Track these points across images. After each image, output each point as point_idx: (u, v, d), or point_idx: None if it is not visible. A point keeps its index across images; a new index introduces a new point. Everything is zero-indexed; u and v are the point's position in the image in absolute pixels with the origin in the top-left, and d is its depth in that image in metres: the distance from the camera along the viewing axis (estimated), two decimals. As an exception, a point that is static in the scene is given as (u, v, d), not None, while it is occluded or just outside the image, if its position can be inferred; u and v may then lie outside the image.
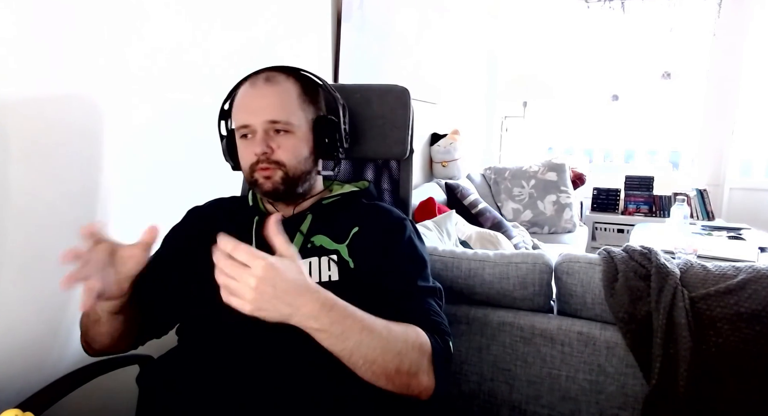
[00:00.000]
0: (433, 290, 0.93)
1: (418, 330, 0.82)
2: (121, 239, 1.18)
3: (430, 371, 0.81)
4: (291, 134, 0.95)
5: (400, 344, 0.77)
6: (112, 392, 1.14)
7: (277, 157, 0.93)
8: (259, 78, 0.96)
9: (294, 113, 0.95)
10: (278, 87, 0.95)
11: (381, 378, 0.76)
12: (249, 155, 0.95)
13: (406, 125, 1.21)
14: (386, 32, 2.48)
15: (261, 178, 0.94)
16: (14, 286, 0.99)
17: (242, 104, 0.96)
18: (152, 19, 1.22)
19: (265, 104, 0.93)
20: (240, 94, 0.97)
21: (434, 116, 3.23)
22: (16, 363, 1.01)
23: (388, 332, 0.76)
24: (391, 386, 0.78)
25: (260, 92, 0.94)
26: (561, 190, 3.36)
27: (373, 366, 0.75)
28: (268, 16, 1.64)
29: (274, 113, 0.93)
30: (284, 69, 0.99)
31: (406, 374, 0.78)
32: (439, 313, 0.91)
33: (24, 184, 0.97)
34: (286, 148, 0.94)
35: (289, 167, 0.94)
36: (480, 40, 4.06)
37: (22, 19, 0.94)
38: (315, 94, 1.01)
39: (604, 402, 1.26)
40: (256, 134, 0.93)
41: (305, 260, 0.92)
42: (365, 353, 0.73)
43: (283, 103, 0.94)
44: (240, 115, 0.95)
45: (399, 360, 0.77)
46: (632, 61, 4.44)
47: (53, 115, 1.02)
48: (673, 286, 1.19)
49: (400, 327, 0.80)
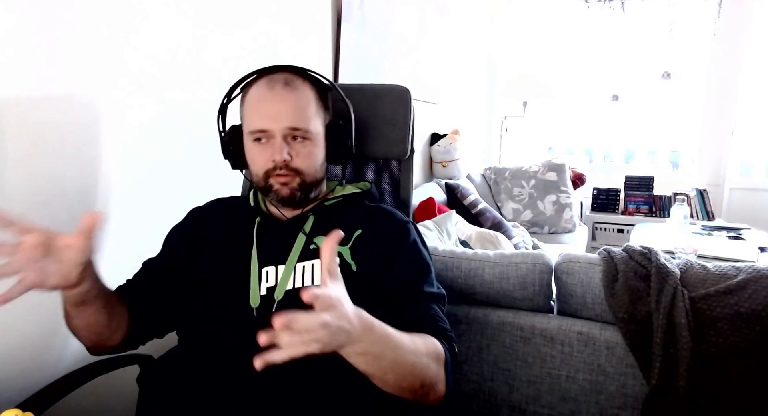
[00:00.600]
0: (437, 296, 0.94)
1: (434, 340, 0.83)
2: (121, 240, 1.18)
3: (444, 379, 0.82)
4: (308, 141, 0.93)
5: (424, 358, 0.78)
6: (112, 392, 1.14)
7: (295, 165, 0.92)
8: (277, 81, 0.93)
9: (312, 119, 0.94)
10: (298, 93, 0.93)
11: (406, 392, 0.77)
12: (264, 161, 0.92)
13: (407, 124, 1.21)
14: (386, 32, 2.48)
15: (277, 184, 0.93)
16: (14, 286, 0.98)
17: (260, 108, 0.93)
18: (152, 19, 1.22)
19: (285, 109, 0.91)
20: (255, 95, 0.94)
21: (434, 116, 3.23)
22: (16, 363, 1.00)
23: (414, 347, 0.77)
24: (411, 396, 0.79)
25: (280, 97, 0.91)
26: (561, 190, 3.36)
27: (403, 383, 0.75)
28: (268, 15, 1.64)
29: (294, 121, 0.91)
30: (299, 71, 0.96)
31: (429, 386, 0.79)
32: (443, 319, 0.91)
33: (23, 184, 0.97)
34: (304, 156, 0.93)
35: (306, 175, 0.94)
36: (480, 40, 4.06)
37: (21, 19, 0.94)
38: (326, 99, 1.00)
39: (604, 402, 1.26)
40: (274, 139, 0.91)
41: (307, 263, 0.92)
42: (399, 371, 0.74)
43: (303, 110, 0.93)
44: (257, 119, 0.92)
45: (425, 374, 0.78)
46: (632, 61, 4.44)
47: (52, 114, 1.02)
48: (673, 286, 1.19)
49: (420, 339, 0.80)
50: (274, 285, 0.90)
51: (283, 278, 0.91)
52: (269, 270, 0.92)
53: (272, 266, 0.92)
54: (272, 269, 0.92)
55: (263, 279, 0.91)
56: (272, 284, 0.90)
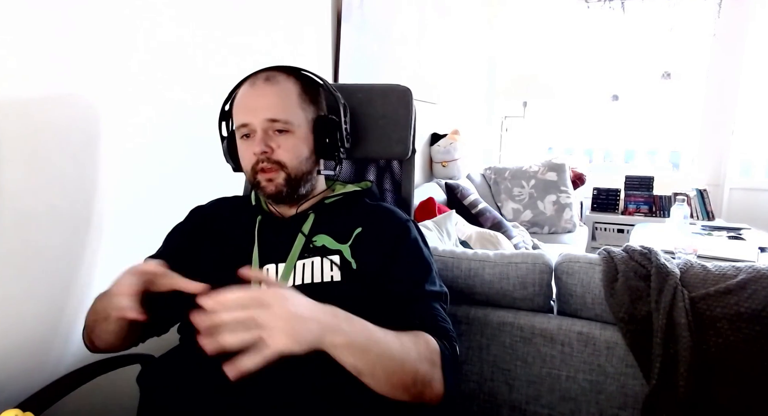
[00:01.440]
0: (439, 295, 0.94)
1: (428, 338, 0.83)
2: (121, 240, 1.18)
3: (441, 377, 0.81)
4: (291, 133, 0.94)
5: (413, 354, 0.78)
6: (113, 392, 1.14)
7: (277, 157, 0.93)
8: (258, 78, 0.96)
9: (294, 112, 0.95)
10: (278, 86, 0.95)
11: (398, 390, 0.77)
12: (249, 156, 0.94)
13: (408, 124, 1.21)
14: (386, 32, 2.48)
15: (264, 181, 0.94)
16: (14, 286, 0.99)
17: (242, 104, 0.95)
18: (152, 19, 1.22)
19: (264, 102, 0.93)
20: (240, 94, 0.97)
21: (434, 116, 3.23)
22: (16, 363, 1.00)
23: (401, 342, 0.77)
24: (406, 396, 0.78)
25: (260, 91, 0.94)
26: (561, 190, 3.36)
27: (393, 378, 0.75)
28: (268, 16, 1.64)
29: (273, 112, 0.92)
30: (284, 69, 0.98)
31: (422, 383, 0.78)
32: (445, 318, 0.91)
33: (23, 184, 0.97)
34: (286, 148, 0.94)
35: (290, 168, 0.94)
36: (480, 40, 4.06)
37: (21, 19, 0.94)
38: (315, 94, 1.01)
39: (604, 402, 1.26)
40: (256, 133, 0.93)
41: (307, 260, 0.92)
42: (386, 364, 0.74)
43: (282, 102, 0.94)
44: (239, 114, 0.95)
45: (415, 370, 0.77)
46: (632, 61, 4.44)
47: (52, 115, 1.02)
48: (673, 286, 1.19)
49: (410, 336, 0.80)
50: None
51: (283, 275, 0.91)
52: (270, 268, 0.93)
53: (273, 264, 0.93)
54: (273, 267, 0.93)
55: None
56: None
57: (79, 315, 1.12)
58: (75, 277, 1.11)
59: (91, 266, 1.14)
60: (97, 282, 1.14)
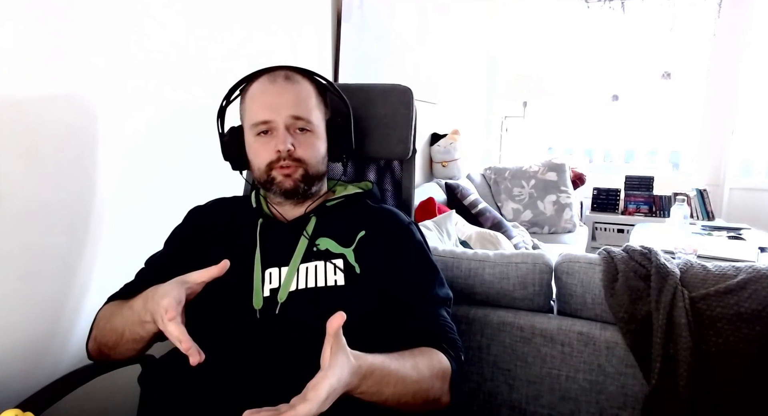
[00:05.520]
0: (446, 301, 0.95)
1: (441, 358, 0.84)
2: (121, 240, 1.18)
3: (449, 391, 0.84)
4: (311, 132, 0.95)
5: (427, 381, 0.80)
6: (113, 392, 1.14)
7: (298, 155, 0.93)
8: (278, 76, 0.94)
9: (313, 111, 0.96)
10: (298, 86, 0.95)
11: (408, 408, 0.80)
12: (268, 152, 0.93)
13: (409, 124, 1.21)
14: (386, 32, 2.48)
15: (280, 176, 0.93)
16: (14, 286, 0.98)
17: (261, 100, 0.93)
18: (151, 19, 1.22)
19: (287, 100, 0.92)
20: (257, 90, 0.95)
21: (434, 116, 3.23)
22: (16, 363, 1.00)
23: (417, 373, 0.79)
24: (413, 410, 0.81)
25: (282, 89, 0.93)
26: (561, 190, 3.36)
27: (403, 400, 0.78)
28: (268, 16, 1.64)
29: (297, 110, 0.92)
30: (298, 70, 0.98)
31: (433, 401, 0.82)
32: (452, 327, 0.92)
33: (22, 185, 0.97)
34: (307, 146, 0.94)
35: (309, 166, 0.94)
36: (480, 40, 4.06)
37: (20, 19, 0.94)
38: (325, 97, 1.02)
39: (604, 402, 1.26)
40: (277, 130, 0.92)
41: (310, 264, 0.92)
42: (398, 398, 0.77)
43: (305, 100, 0.94)
44: (259, 110, 0.93)
45: (426, 394, 0.80)
46: (632, 61, 4.44)
47: (51, 115, 1.02)
48: (673, 286, 1.19)
49: (425, 360, 0.82)
50: (277, 287, 0.90)
51: (286, 280, 0.90)
52: (272, 272, 0.92)
53: (275, 267, 0.92)
54: (275, 270, 0.92)
55: (266, 281, 0.91)
56: (275, 286, 0.90)
57: (79, 315, 1.12)
58: (74, 277, 1.11)
59: (91, 266, 1.14)
60: (97, 282, 1.14)
